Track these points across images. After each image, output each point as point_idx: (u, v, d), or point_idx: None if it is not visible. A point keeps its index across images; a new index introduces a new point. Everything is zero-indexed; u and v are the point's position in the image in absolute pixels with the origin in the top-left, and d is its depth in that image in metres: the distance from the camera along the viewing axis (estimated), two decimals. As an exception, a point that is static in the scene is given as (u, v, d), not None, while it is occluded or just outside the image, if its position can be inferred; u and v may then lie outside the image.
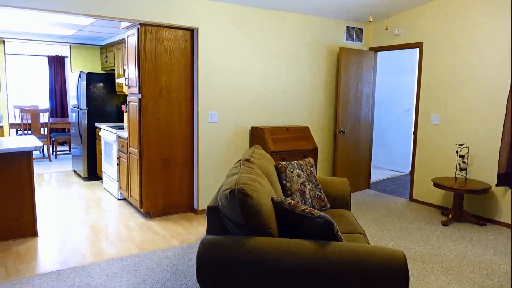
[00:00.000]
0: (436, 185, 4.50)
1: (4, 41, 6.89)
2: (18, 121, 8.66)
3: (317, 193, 3.26)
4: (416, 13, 5.20)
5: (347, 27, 5.60)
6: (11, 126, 7.49)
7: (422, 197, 5.31)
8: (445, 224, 4.44)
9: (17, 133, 8.33)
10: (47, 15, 4.98)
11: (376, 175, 6.92)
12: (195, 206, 4.74)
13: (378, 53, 6.00)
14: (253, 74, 4.86)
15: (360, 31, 5.74)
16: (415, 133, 5.35)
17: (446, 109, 4.96)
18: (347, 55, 5.43)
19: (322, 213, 2.05)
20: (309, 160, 3.44)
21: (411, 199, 5.44)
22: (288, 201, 2.19)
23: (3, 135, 6.56)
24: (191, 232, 4.09)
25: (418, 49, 6.25)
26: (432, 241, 3.96)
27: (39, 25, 5.94)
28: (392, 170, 7.49)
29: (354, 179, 5.80)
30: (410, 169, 6.89)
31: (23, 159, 3.80)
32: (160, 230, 4.15)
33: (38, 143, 3.90)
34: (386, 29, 4.07)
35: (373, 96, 5.94)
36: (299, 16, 5.13)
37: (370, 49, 5.85)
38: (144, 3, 4.05)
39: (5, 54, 6.96)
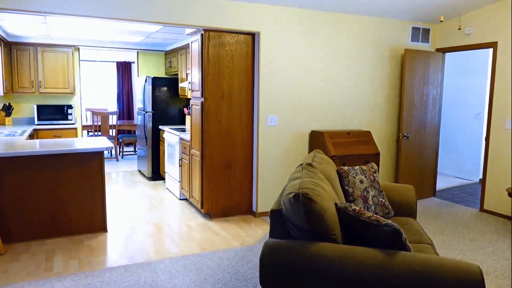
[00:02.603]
0: (511, 195, 4.17)
1: (79, 48, 7.41)
2: (89, 123, 9.27)
3: (380, 199, 3.16)
4: (489, 11, 4.87)
5: (413, 27, 5.38)
6: (83, 127, 8.04)
7: (494, 208, 4.95)
8: (521, 237, 4.10)
9: (88, 134, 8.92)
10: (119, 24, 5.29)
11: (442, 183, 6.56)
12: (254, 209, 4.77)
13: (446, 54, 5.69)
14: (313, 77, 4.82)
15: (426, 31, 5.49)
16: (487, 138, 5.00)
17: (524, 113, 4.59)
18: (413, 56, 5.21)
19: (389, 221, 1.97)
20: (372, 166, 3.33)
21: (481, 209, 5.08)
22: (352, 207, 2.14)
23: (76, 136, 7.05)
24: (250, 234, 4.13)
25: (491, 49, 5.86)
26: (508, 255, 3.67)
27: (110, 33, 6.32)
28: (460, 178, 7.06)
29: (418, 186, 5.54)
30: (481, 177, 6.46)
31: (96, 158, 4.05)
32: (220, 231, 4.23)
33: (109, 144, 4.14)
34: (459, 29, 3.84)
35: (440, 99, 5.65)
36: (362, 18, 5.01)
37: (438, 50, 5.57)
38: (208, 9, 4.16)
39: (79, 60, 7.49)
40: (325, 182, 2.40)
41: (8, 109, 6.62)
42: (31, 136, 6.32)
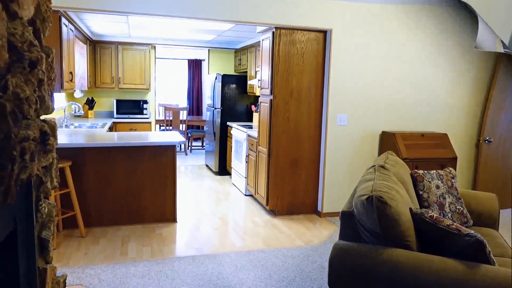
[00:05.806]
0: None
1: (155, 46, 7.80)
2: (162, 117, 9.72)
3: (458, 207, 2.96)
4: None
5: (500, 23, 4.95)
6: (156, 122, 8.46)
7: None
8: None
9: (160, 128, 9.36)
10: (193, 23, 5.48)
11: (526, 193, 5.99)
12: (319, 209, 4.71)
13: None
14: (386, 76, 4.63)
15: (515, 27, 5.03)
16: None
17: None
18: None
19: (471, 231, 1.84)
20: (450, 171, 3.13)
21: None
22: (429, 214, 2.02)
23: (150, 130, 7.44)
24: (315, 234, 4.08)
25: None
26: None
27: (184, 32, 6.57)
28: (548, 188, 6.40)
29: (500, 195, 5.10)
30: None
31: (168, 152, 4.24)
32: (284, 228, 4.23)
33: (181, 138, 4.31)
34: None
35: (529, 102, 5.15)
36: (443, 10, 4.71)
37: (528, 47, 5.08)
38: (280, 7, 4.17)
39: (155, 58, 7.88)
40: (399, 186, 2.30)
41: (91, 103, 7.16)
42: (110, 129, 6.77)
